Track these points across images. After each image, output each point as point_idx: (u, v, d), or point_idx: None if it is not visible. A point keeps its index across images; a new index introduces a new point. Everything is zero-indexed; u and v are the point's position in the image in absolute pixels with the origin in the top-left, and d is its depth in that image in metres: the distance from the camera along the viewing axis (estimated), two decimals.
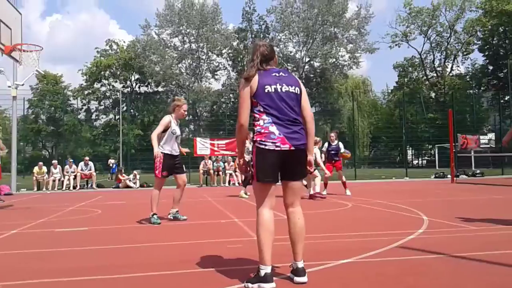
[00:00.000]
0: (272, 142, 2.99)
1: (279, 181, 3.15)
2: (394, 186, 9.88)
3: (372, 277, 3.23)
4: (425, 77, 52.29)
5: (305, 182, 9.55)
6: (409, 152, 39.83)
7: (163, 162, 6.25)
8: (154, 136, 6.26)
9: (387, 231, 5.25)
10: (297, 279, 3.03)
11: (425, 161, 46.05)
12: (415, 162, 44.77)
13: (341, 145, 11.04)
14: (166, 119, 6.37)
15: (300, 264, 3.06)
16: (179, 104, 6.51)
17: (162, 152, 6.27)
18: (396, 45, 50.67)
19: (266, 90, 3.06)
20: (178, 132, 6.48)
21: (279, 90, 3.08)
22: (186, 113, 6.62)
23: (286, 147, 3.00)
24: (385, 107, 54.14)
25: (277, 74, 3.15)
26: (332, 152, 10.89)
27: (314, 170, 9.45)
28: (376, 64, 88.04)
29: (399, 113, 39.38)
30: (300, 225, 3.13)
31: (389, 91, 55.13)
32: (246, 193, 10.72)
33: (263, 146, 3.01)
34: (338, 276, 3.26)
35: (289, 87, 3.12)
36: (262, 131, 3.03)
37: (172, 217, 6.59)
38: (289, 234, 3.15)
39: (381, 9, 79.22)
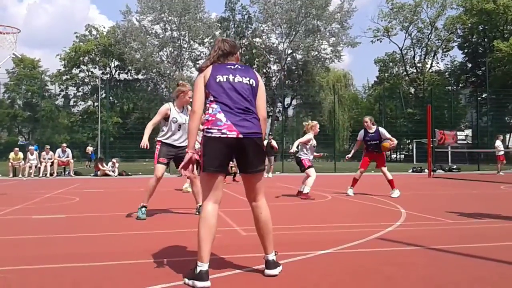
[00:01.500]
0: (218, 129, 2.89)
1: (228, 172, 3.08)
2: (372, 179, 9.99)
3: (350, 268, 3.26)
4: (405, 73, 52.81)
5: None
6: None
7: (160, 149, 5.80)
8: (148, 125, 5.86)
9: (366, 223, 5.30)
10: (267, 271, 3.00)
11: (403, 155, 46.64)
12: (393, 156, 45.31)
13: (382, 131, 8.65)
14: (164, 107, 5.84)
15: (270, 257, 3.03)
16: (184, 90, 5.83)
17: (161, 141, 5.81)
18: (377, 40, 51.06)
19: (217, 80, 3.00)
20: (180, 120, 5.81)
21: (231, 80, 3.02)
22: (191, 100, 5.79)
23: (233, 134, 2.89)
24: (366, 101, 54.56)
25: (232, 67, 3.09)
26: (370, 142, 8.74)
27: (307, 168, 8.38)
28: (358, 58, 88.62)
29: (379, 107, 39.83)
30: (263, 219, 3.06)
31: (370, 85, 55.73)
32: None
33: (209, 134, 2.91)
34: (316, 267, 3.27)
35: (243, 78, 3.05)
36: (210, 118, 2.95)
37: (197, 213, 5.83)
38: (256, 229, 3.10)
39: (364, 3, 79.71)
